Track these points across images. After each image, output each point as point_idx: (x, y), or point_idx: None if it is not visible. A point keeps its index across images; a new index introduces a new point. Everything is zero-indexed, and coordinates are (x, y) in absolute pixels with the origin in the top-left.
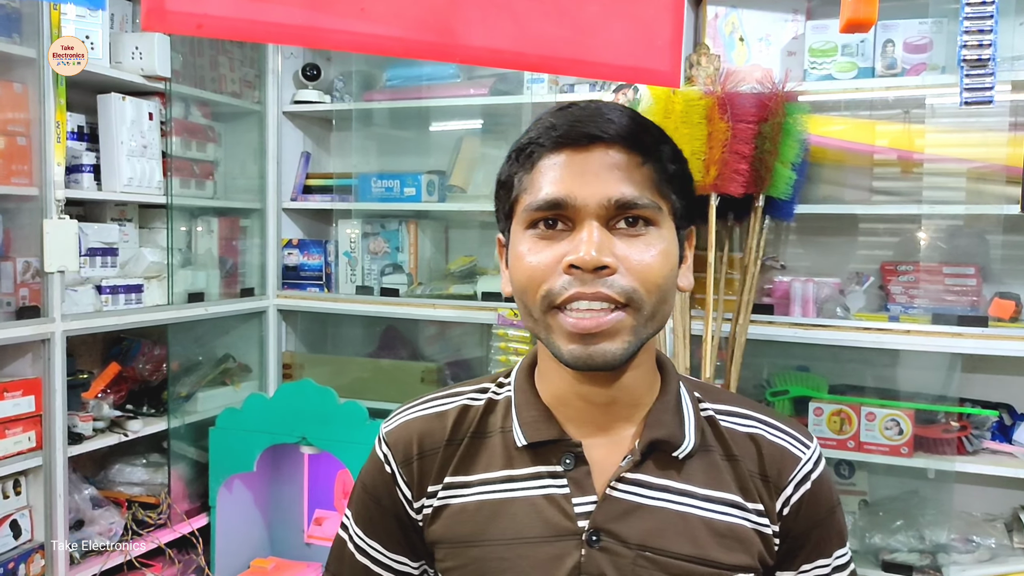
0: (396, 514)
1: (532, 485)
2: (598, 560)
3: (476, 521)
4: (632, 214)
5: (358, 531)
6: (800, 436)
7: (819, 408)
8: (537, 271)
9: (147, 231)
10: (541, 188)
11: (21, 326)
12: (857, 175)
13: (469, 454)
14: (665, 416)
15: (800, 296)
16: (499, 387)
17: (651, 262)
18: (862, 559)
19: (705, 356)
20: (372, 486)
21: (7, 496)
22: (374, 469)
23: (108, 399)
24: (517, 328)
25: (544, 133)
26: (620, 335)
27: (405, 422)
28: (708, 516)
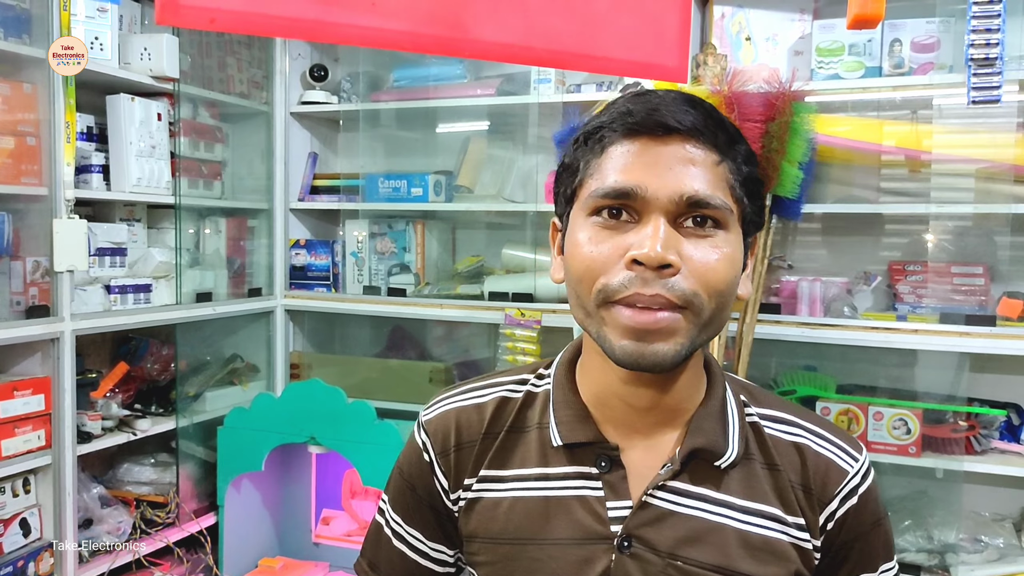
0: (432, 503)
1: (566, 485)
2: (627, 566)
3: (509, 518)
4: (702, 213)
5: (395, 517)
6: (849, 447)
7: (826, 407)
8: (596, 262)
9: (155, 231)
10: (609, 175)
11: (31, 325)
12: (864, 174)
13: (505, 448)
14: (708, 423)
15: (808, 295)
16: (539, 379)
17: (716, 266)
18: None
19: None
20: (409, 473)
21: (16, 495)
22: (413, 456)
23: (116, 398)
24: (524, 328)
25: (619, 118)
26: (675, 336)
27: (444, 412)
28: (744, 528)
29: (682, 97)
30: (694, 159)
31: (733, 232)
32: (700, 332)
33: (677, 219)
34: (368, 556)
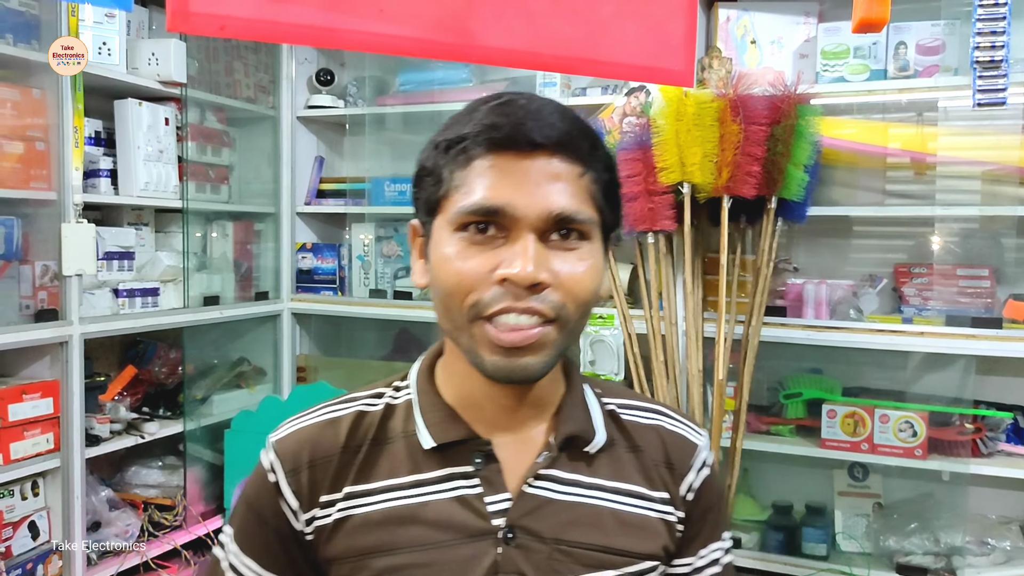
0: (278, 528)
1: (442, 488)
2: (514, 557)
3: (384, 530)
4: (568, 227)
5: (234, 548)
6: (694, 424)
7: (832, 410)
8: (467, 279)
9: (163, 235)
10: (476, 190)
11: (40, 329)
12: (870, 177)
13: (370, 461)
14: (576, 412)
15: (813, 298)
16: (396, 391)
17: (582, 278)
18: (876, 562)
19: (718, 358)
20: (255, 498)
21: (25, 497)
22: (258, 480)
23: (124, 401)
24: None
25: (484, 131)
26: (544, 350)
27: (296, 430)
28: (616, 508)
29: (547, 107)
30: (560, 174)
31: (596, 241)
32: (566, 340)
33: (544, 234)
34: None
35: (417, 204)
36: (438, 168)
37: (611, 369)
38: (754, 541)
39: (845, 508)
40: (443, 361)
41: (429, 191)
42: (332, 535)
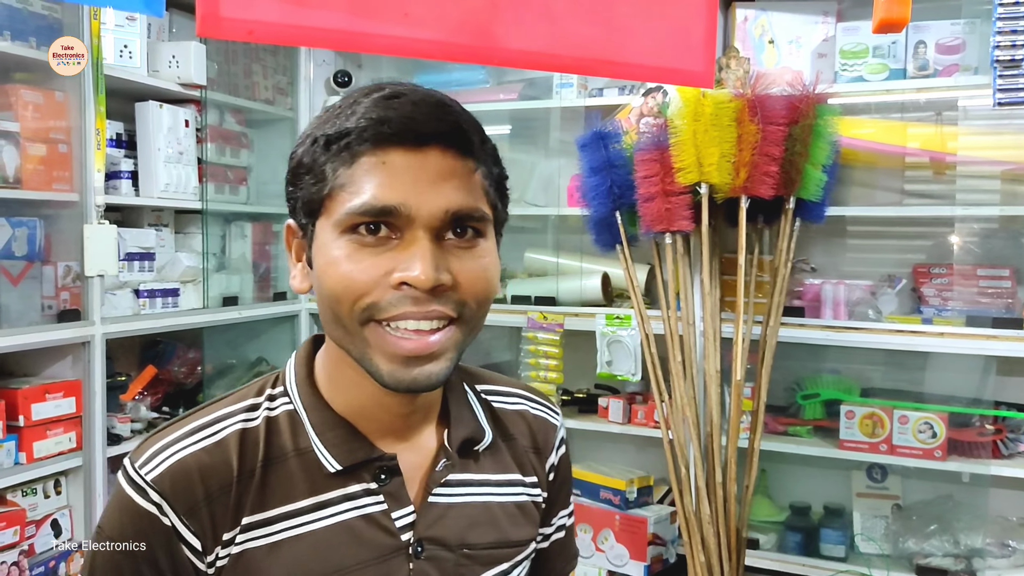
0: (175, 572)
1: (346, 507)
2: (426, 570)
3: (291, 560)
4: (465, 224)
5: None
6: (551, 402)
7: (851, 411)
8: (357, 282)
9: (183, 236)
10: (365, 190)
11: (62, 329)
12: (889, 177)
13: (266, 485)
14: (465, 412)
15: (831, 299)
16: (272, 401)
17: (483, 275)
18: (895, 563)
19: (736, 359)
20: (137, 549)
21: (48, 496)
22: (140, 525)
23: (145, 401)
24: (547, 331)
25: (371, 126)
26: (445, 354)
27: (177, 461)
28: (502, 500)
29: (434, 100)
30: (453, 169)
31: (491, 237)
32: (466, 339)
33: (439, 232)
34: None
35: (294, 204)
36: (318, 165)
37: (628, 369)
38: (772, 542)
39: (863, 509)
40: (326, 370)
41: (309, 190)
42: (251, 562)
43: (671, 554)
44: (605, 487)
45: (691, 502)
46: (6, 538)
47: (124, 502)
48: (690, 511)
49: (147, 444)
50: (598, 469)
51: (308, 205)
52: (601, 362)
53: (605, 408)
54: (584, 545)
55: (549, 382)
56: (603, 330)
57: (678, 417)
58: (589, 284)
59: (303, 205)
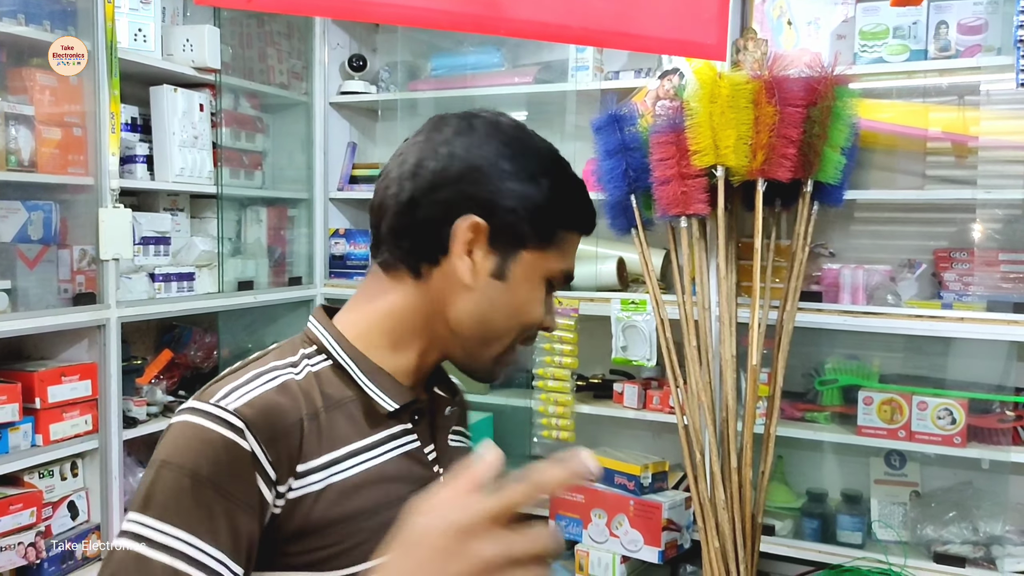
0: (246, 501)
1: (394, 445)
2: None
3: (364, 494)
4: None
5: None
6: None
7: (869, 397)
8: (536, 321)
9: (198, 221)
10: (568, 259)
11: (78, 312)
12: (909, 160)
13: (329, 427)
14: (444, 374)
15: (850, 283)
16: (310, 359)
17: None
18: (913, 551)
19: (752, 343)
20: (214, 470)
21: (64, 478)
22: (220, 452)
23: (161, 384)
24: (561, 316)
25: (588, 221)
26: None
27: (256, 396)
28: (470, 445)
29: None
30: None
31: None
32: None
33: None
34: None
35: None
36: (546, 217)
37: (643, 355)
38: (788, 528)
39: (881, 496)
40: (368, 335)
41: (529, 226)
42: (315, 505)
43: (686, 540)
44: (620, 472)
45: (706, 488)
46: (23, 519)
47: (199, 432)
48: (705, 496)
49: (213, 389)
50: (613, 455)
51: (521, 235)
52: (616, 347)
53: (620, 393)
54: (598, 530)
55: (564, 367)
56: (618, 315)
57: (693, 402)
58: (604, 269)
59: (517, 230)
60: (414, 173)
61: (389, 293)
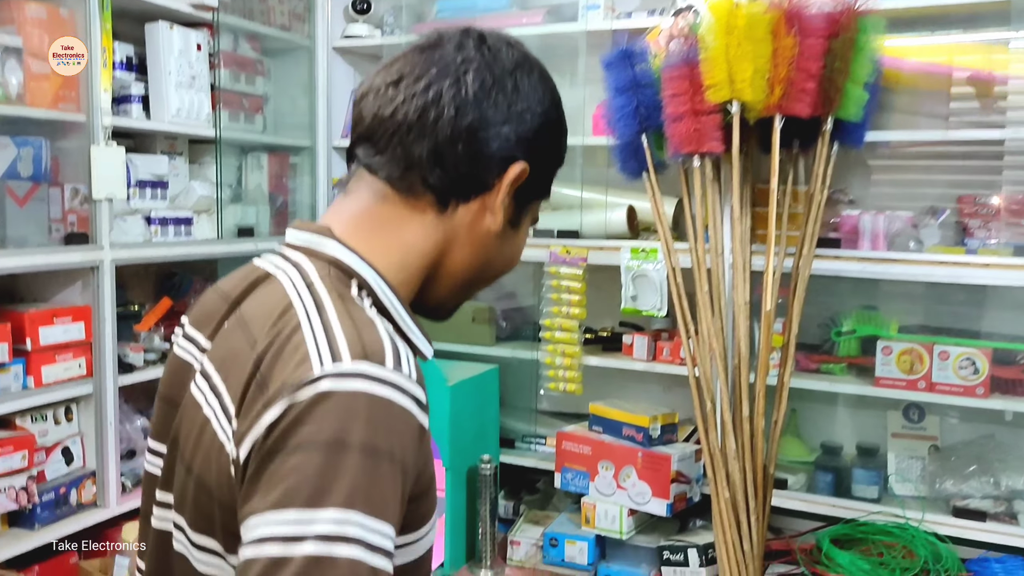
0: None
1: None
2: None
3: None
4: None
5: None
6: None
7: (888, 347)
8: (515, 265)
9: (197, 166)
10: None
11: (70, 252)
12: (932, 101)
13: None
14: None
15: (870, 230)
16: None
17: None
18: (932, 505)
19: (766, 289)
20: (402, 453)
21: (59, 422)
22: (416, 437)
23: (159, 332)
24: (569, 266)
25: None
26: None
27: (405, 357)
28: None
29: None
30: None
31: None
32: None
33: None
34: None
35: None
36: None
37: (653, 304)
38: (801, 483)
39: (899, 451)
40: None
41: (551, 175)
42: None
43: (695, 493)
44: (627, 424)
45: (716, 437)
46: (14, 463)
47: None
48: (715, 446)
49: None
50: (621, 406)
51: (542, 186)
52: (626, 297)
53: (629, 345)
54: (605, 483)
55: (572, 318)
56: (628, 263)
57: (705, 351)
58: (614, 217)
59: (543, 181)
60: (479, 97)
61: (408, 223)
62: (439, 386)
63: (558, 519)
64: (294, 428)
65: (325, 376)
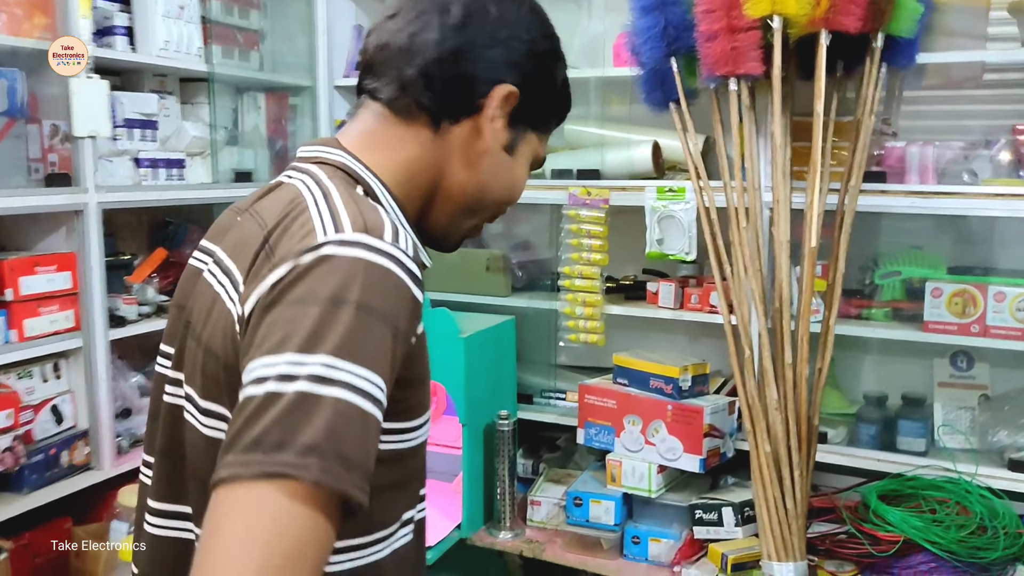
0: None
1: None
2: None
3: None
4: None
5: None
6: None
7: (937, 288)
8: (518, 197)
9: (190, 106)
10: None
11: (51, 194)
12: (980, 19)
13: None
14: None
15: (918, 162)
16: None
17: None
18: (983, 457)
19: (810, 225)
20: (405, 332)
21: (46, 379)
22: (410, 306)
23: (154, 283)
24: (590, 208)
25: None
26: None
27: (404, 234)
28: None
29: None
30: None
31: None
32: None
33: None
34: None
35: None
36: (556, 104)
37: (681, 248)
38: (842, 436)
39: (946, 401)
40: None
41: (545, 106)
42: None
43: (729, 448)
44: (656, 375)
45: (754, 387)
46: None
47: (392, 279)
48: (753, 396)
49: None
50: (647, 356)
51: (536, 116)
52: (651, 240)
53: (654, 293)
54: (632, 438)
55: (593, 264)
56: (653, 204)
57: (743, 293)
58: (638, 155)
59: (537, 110)
60: (463, 23)
61: (407, 142)
62: (452, 338)
63: (581, 477)
64: (295, 283)
65: (328, 243)
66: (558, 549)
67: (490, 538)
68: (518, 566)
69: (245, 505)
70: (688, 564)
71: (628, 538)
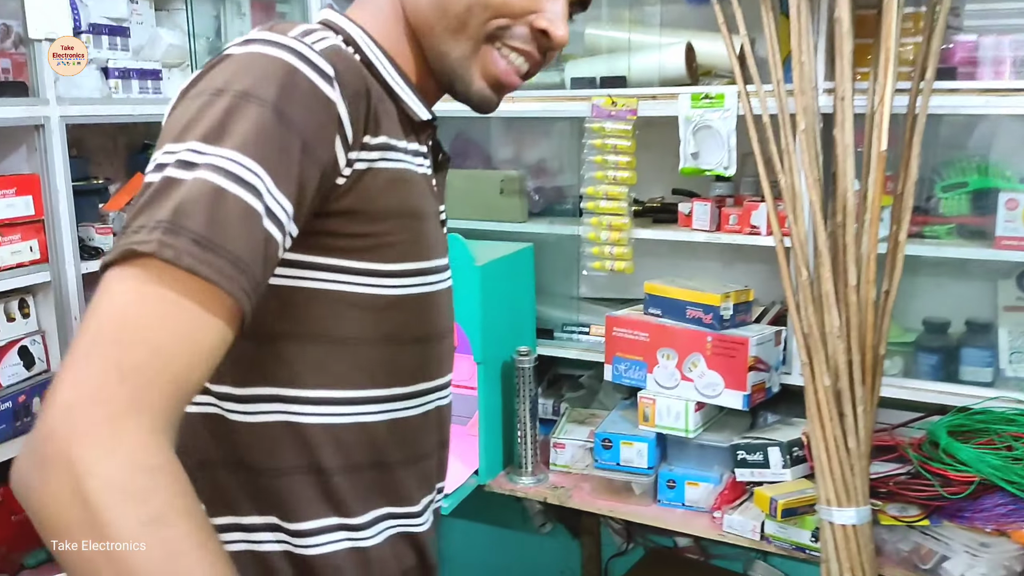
0: (321, 164)
1: (418, 162)
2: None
3: (412, 192)
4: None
5: (273, 190)
6: None
7: (1013, 199)
8: (512, 6)
9: (165, 13)
10: None
11: (6, 105)
12: None
13: (383, 112)
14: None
15: (991, 56)
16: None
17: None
18: None
19: (879, 125)
20: (300, 120)
21: (12, 319)
22: (308, 97)
23: None
24: (616, 120)
25: None
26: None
27: (335, 48)
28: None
29: None
30: None
31: None
32: None
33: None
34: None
35: None
36: None
37: (719, 162)
38: (899, 367)
39: (1012, 326)
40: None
41: None
42: (373, 183)
43: (774, 383)
44: (693, 304)
45: (811, 314)
46: None
47: (285, 68)
48: (811, 324)
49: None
50: (683, 284)
51: None
52: (685, 155)
53: (687, 215)
54: (667, 374)
55: (620, 183)
56: (688, 113)
57: (797, 207)
58: (670, 59)
59: None
60: None
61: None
62: (466, 267)
63: (609, 418)
64: (193, 84)
65: (232, 45)
66: (585, 495)
67: (511, 484)
68: (538, 511)
69: (100, 287)
70: (730, 510)
71: (663, 482)
